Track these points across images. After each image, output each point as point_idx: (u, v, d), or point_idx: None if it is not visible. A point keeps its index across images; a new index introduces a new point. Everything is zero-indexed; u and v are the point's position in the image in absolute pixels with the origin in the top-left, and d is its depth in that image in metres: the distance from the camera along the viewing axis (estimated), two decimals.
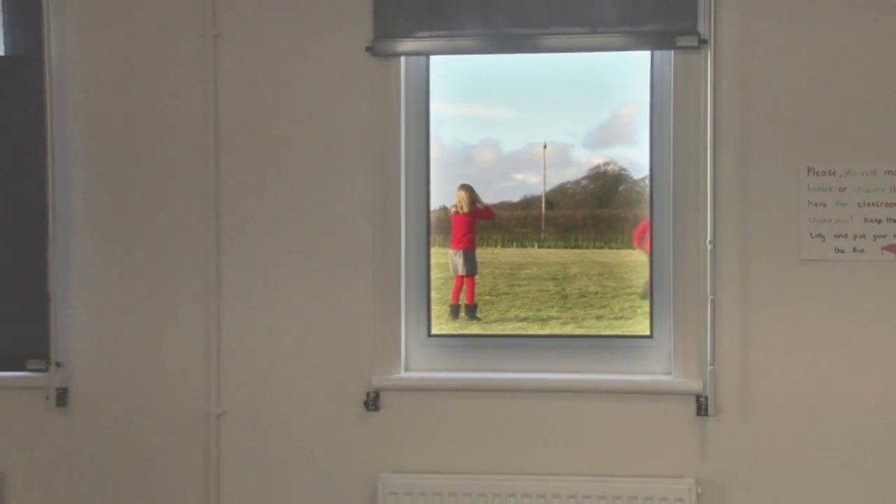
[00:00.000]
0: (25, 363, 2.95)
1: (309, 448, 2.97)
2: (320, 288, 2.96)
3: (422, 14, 2.85)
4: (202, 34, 2.90)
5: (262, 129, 2.96)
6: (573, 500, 2.70)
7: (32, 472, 3.02)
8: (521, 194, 3.03)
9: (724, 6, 2.72)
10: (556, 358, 2.90)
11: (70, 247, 2.99)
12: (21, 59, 3.01)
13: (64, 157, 2.98)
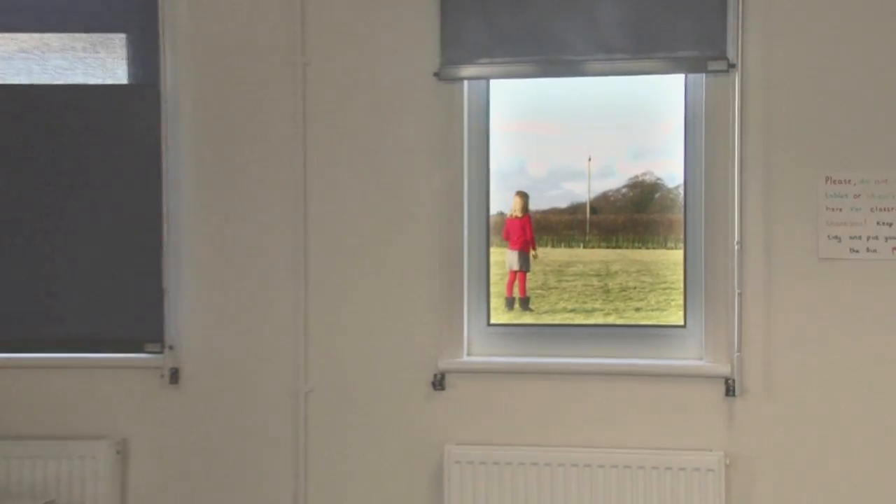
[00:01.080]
0: (144, 347, 3.10)
1: (383, 422, 3.05)
2: (394, 282, 3.03)
3: (482, 44, 2.91)
4: (293, 62, 3.00)
5: (344, 144, 3.05)
6: (615, 470, 2.78)
7: (149, 438, 3.15)
8: (568, 201, 3.08)
9: (750, 35, 2.77)
10: (599, 345, 2.99)
11: (180, 248, 3.10)
12: (142, 86, 3.12)
13: (175, 171, 3.09)
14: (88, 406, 3.16)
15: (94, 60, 3.22)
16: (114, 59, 3.22)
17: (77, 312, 3.15)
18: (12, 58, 3.24)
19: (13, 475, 3.06)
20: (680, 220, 3.00)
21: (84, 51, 3.22)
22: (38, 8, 3.19)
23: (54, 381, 3.17)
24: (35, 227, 3.18)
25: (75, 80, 3.18)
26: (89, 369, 3.16)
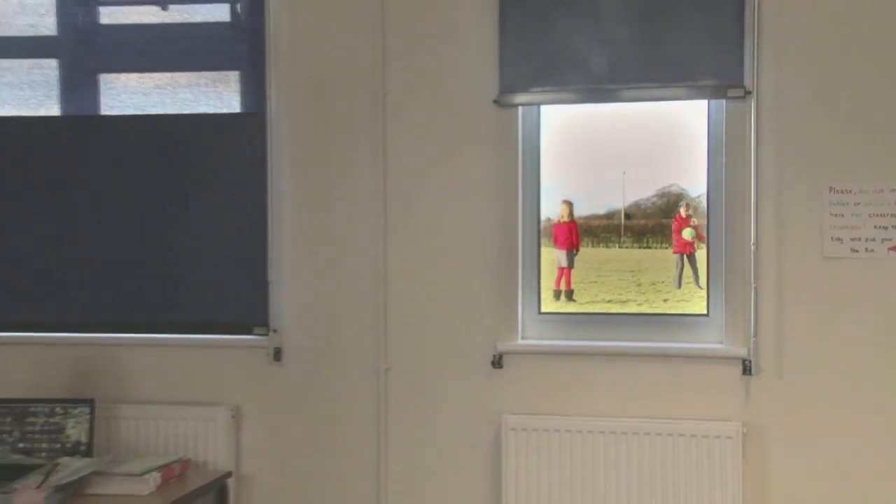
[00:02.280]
0: (253, 330, 3.25)
1: (451, 395, 3.17)
2: (459, 277, 3.14)
3: (534, 75, 3.02)
4: (375, 93, 3.12)
5: (417, 162, 3.16)
6: (647, 437, 2.88)
7: (258, 406, 3.29)
8: (606, 208, 3.19)
9: (764, 66, 2.85)
10: (633, 330, 3.11)
11: (282, 248, 3.24)
12: (251, 115, 3.29)
13: (278, 185, 3.23)
14: (209, 378, 3.32)
15: (214, 94, 3.41)
16: (229, 92, 3.41)
17: (200, 302, 3.33)
18: (150, 93, 3.42)
19: (150, 434, 3.25)
20: (701, 225, 3.04)
21: (206, 86, 3.40)
22: (171, 53, 3.38)
23: (182, 357, 3.34)
24: (166, 231, 3.35)
25: (199, 110, 3.37)
26: (210, 348, 3.33)
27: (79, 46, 3.45)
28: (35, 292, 3.43)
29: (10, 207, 3.42)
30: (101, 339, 3.37)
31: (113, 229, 3.37)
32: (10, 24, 3.44)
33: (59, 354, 3.40)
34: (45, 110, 3.44)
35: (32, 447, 3.06)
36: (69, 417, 3.06)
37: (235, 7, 3.30)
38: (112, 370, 3.39)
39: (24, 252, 3.42)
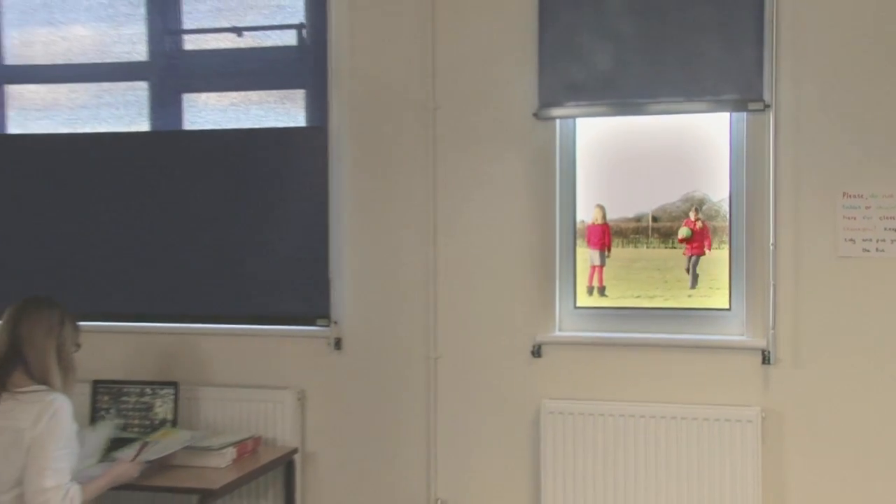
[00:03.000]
0: (316, 321, 3.36)
1: (494, 381, 3.24)
2: (502, 274, 3.21)
3: (570, 91, 3.09)
4: (426, 107, 3.23)
5: (464, 169, 3.23)
6: (674, 420, 2.96)
7: (320, 389, 3.41)
8: (634, 211, 3.29)
9: (782, 81, 2.90)
10: (661, 323, 3.19)
11: (342, 248, 3.34)
12: (315, 128, 3.40)
13: (338, 191, 3.34)
14: (278, 364, 3.44)
15: (282, 110, 3.53)
16: (296, 108, 3.53)
17: (270, 296, 3.44)
18: (226, 110, 3.57)
19: (226, 414, 3.38)
20: (722, 227, 3.20)
21: (275, 103, 3.54)
22: (245, 74, 3.52)
23: (255, 345, 3.47)
24: (241, 233, 3.47)
25: (269, 124, 3.51)
26: (279, 337, 3.44)
27: (166, 70, 3.62)
28: (131, 287, 3.58)
29: (110, 211, 3.57)
30: (185, 328, 3.53)
31: (195, 232, 3.51)
32: (108, 52, 3.60)
33: (149, 342, 3.56)
34: (137, 126, 3.62)
35: (126, 422, 3.26)
36: (157, 397, 3.27)
37: (301, 33, 3.43)
38: (194, 356, 3.53)
39: (122, 251, 3.57)
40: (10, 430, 2.42)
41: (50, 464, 2.42)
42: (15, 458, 2.41)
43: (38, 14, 3.67)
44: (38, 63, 3.74)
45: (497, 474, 3.26)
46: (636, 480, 3.01)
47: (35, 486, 2.40)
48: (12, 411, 2.45)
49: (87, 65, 3.67)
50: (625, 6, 3.03)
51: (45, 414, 2.45)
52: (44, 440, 2.42)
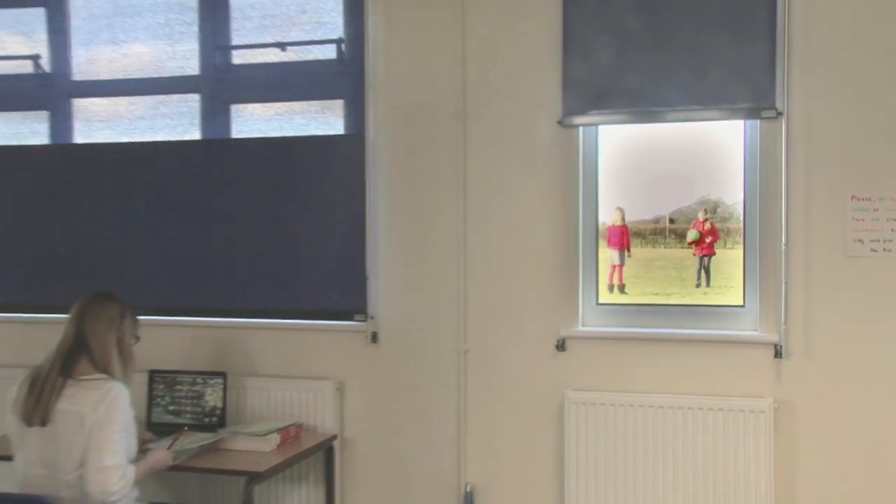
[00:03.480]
0: (353, 316, 3.43)
1: (520, 373, 3.29)
2: (528, 272, 3.26)
3: (592, 100, 3.13)
4: (457, 116, 3.29)
5: (493, 174, 3.29)
6: (690, 411, 3.00)
7: (358, 380, 3.47)
8: (653, 214, 3.36)
9: (793, 90, 2.95)
10: (678, 318, 3.20)
11: (377, 248, 3.41)
12: (353, 136, 3.46)
13: (375, 195, 3.40)
14: (318, 356, 3.51)
15: (323, 118, 3.59)
16: (335, 117, 3.58)
17: (311, 293, 3.50)
18: (271, 119, 3.64)
19: (270, 402, 3.45)
20: (736, 228, 3.21)
21: (316, 112, 3.59)
22: (288, 85, 3.57)
23: (297, 338, 3.53)
24: (284, 234, 3.52)
25: (310, 132, 3.57)
26: (319, 332, 3.51)
27: (216, 83, 3.70)
28: (185, 284, 3.67)
29: (166, 214, 3.67)
30: (232, 323, 3.61)
31: (243, 232, 3.60)
32: (164, 67, 3.71)
33: (201, 335, 3.65)
34: (190, 135, 3.71)
35: (179, 409, 3.37)
36: (207, 387, 3.35)
37: (340, 47, 3.49)
38: (241, 349, 3.61)
39: (176, 250, 3.67)
40: (74, 415, 2.53)
41: (109, 445, 2.52)
42: (78, 441, 2.52)
43: (103, 34, 3.75)
44: (101, 78, 3.84)
45: (523, 460, 3.31)
46: (654, 467, 3.05)
47: (95, 465, 2.50)
48: (76, 397, 2.55)
49: (145, 79, 3.77)
50: (643, 21, 3.08)
51: (105, 400, 2.56)
52: (103, 424, 2.53)
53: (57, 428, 2.54)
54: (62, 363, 2.62)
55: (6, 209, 3.88)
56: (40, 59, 3.87)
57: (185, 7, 3.68)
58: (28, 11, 3.84)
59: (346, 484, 3.48)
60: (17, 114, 3.97)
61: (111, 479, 2.49)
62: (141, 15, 3.73)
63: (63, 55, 3.83)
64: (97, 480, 2.50)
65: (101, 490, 2.49)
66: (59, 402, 2.57)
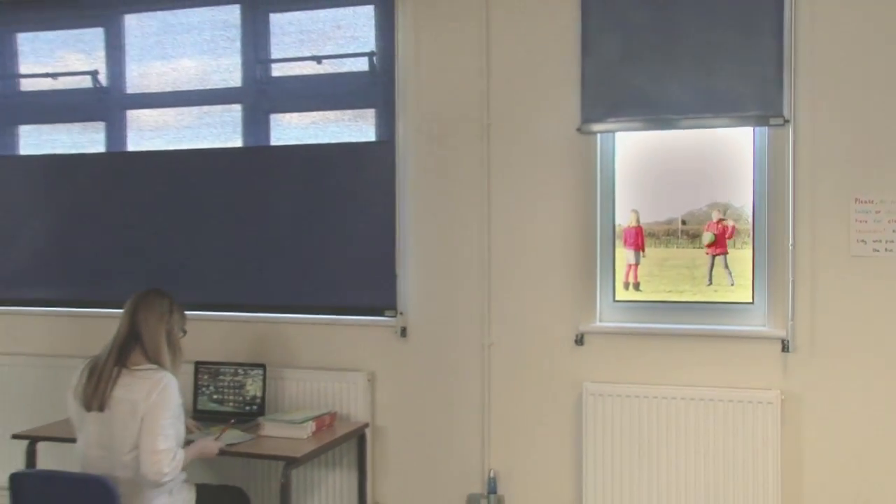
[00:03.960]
0: (384, 312, 3.51)
1: (541, 366, 3.35)
2: (549, 271, 3.31)
3: (609, 108, 3.19)
4: (481, 123, 3.37)
5: (515, 177, 3.34)
6: (702, 402, 3.05)
7: (388, 371, 3.54)
8: (666, 216, 3.41)
9: (800, 99, 3.01)
10: (690, 315, 3.24)
11: (407, 248, 3.47)
12: (384, 142, 3.53)
13: (404, 197, 3.46)
14: (351, 349, 3.59)
15: (356, 126, 3.66)
16: (367, 125, 3.66)
17: (345, 290, 3.58)
18: (307, 127, 3.72)
19: (306, 392, 3.54)
20: (745, 229, 3.24)
21: (349, 121, 3.67)
22: (323, 96, 3.63)
23: (331, 332, 3.62)
24: (319, 234, 3.60)
25: (343, 139, 3.65)
26: (352, 326, 3.60)
27: (256, 94, 3.79)
28: (227, 281, 3.77)
29: (210, 216, 3.77)
30: (272, 318, 3.72)
31: (281, 233, 3.68)
32: (208, 80, 3.83)
33: (242, 329, 3.75)
34: (232, 143, 3.83)
35: (222, 398, 3.47)
36: (248, 377, 3.44)
37: (372, 60, 3.57)
38: (280, 342, 3.70)
39: (220, 250, 3.76)
40: (128, 402, 2.65)
41: (161, 431, 2.63)
42: (132, 425, 2.63)
43: (154, 50, 3.88)
44: (152, 91, 3.96)
45: (543, 448, 3.37)
46: (667, 455, 3.12)
47: (149, 448, 2.61)
48: (130, 386, 2.67)
49: (192, 91, 3.89)
50: (657, 35, 3.16)
51: (156, 389, 2.65)
52: (155, 411, 2.64)
53: (113, 413, 2.65)
54: (118, 354, 2.73)
55: (68, 212, 3.99)
56: (98, 74, 3.97)
57: (229, 24, 3.77)
58: (88, 31, 3.95)
59: (376, 468, 3.55)
60: (77, 125, 4.07)
61: (163, 461, 2.60)
62: (188, 32, 3.82)
63: (118, 70, 3.95)
64: (151, 462, 2.60)
65: (154, 472, 2.60)
66: (115, 390, 2.67)
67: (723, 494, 3.05)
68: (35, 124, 4.14)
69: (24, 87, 4.11)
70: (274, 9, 3.70)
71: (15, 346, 4.02)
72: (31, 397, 3.84)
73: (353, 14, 3.62)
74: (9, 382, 3.93)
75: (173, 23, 3.82)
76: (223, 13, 3.76)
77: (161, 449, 2.60)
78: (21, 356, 3.96)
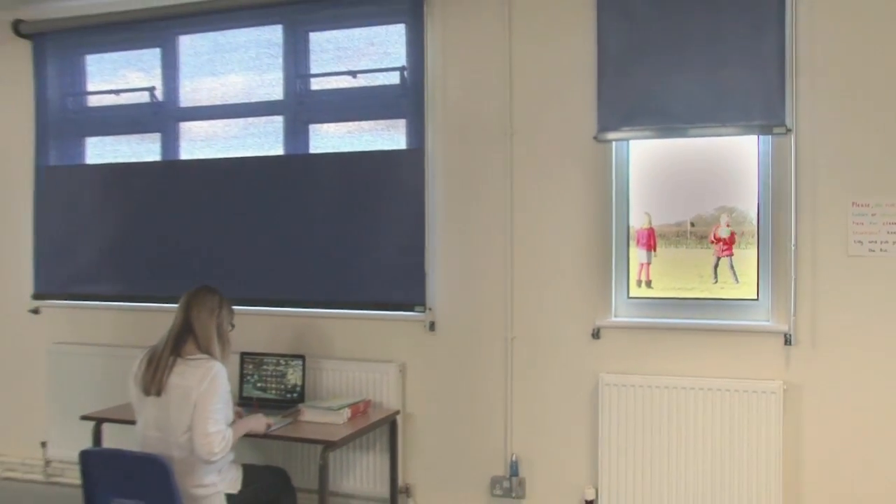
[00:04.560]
0: (414, 308, 3.58)
1: (560, 358, 3.41)
2: (567, 269, 3.37)
3: (623, 117, 3.26)
4: (505, 133, 3.43)
5: (536, 183, 3.37)
6: (710, 391, 3.12)
7: (418, 363, 3.61)
8: (675, 219, 3.44)
9: (801, 110, 3.08)
10: (699, 310, 3.30)
11: (435, 248, 3.53)
12: (414, 150, 3.58)
13: (433, 201, 3.53)
14: (384, 342, 3.67)
15: (388, 135, 3.71)
16: (399, 134, 3.70)
17: (378, 287, 3.64)
18: (343, 137, 3.79)
19: (342, 381, 3.63)
20: (749, 230, 3.27)
21: (382, 130, 3.72)
22: (358, 108, 3.69)
23: (366, 326, 3.70)
24: (354, 235, 3.65)
25: (377, 147, 3.72)
26: (385, 321, 3.67)
27: (297, 106, 3.86)
28: (270, 279, 3.84)
29: (254, 219, 3.86)
30: (311, 313, 3.80)
31: (319, 235, 3.75)
32: (254, 93, 3.94)
33: (283, 323, 3.85)
34: (274, 151, 3.91)
35: (265, 386, 3.58)
36: (289, 367, 3.54)
37: (403, 74, 3.64)
38: (318, 335, 3.80)
39: (263, 250, 3.85)
40: (182, 388, 2.80)
41: (211, 415, 2.78)
42: (186, 409, 2.79)
43: (205, 67, 4.01)
44: (202, 104, 4.08)
45: (562, 434, 3.43)
46: (677, 441, 3.19)
47: (201, 431, 2.77)
48: (184, 373, 2.82)
49: (238, 104, 4.00)
50: (668, 49, 3.21)
51: (208, 376, 2.79)
52: (207, 397, 2.79)
53: (169, 398, 2.81)
54: (173, 344, 2.87)
55: (128, 216, 4.12)
56: (155, 90, 4.11)
57: (272, 43, 3.88)
58: (147, 52, 4.12)
59: (407, 452, 3.63)
60: (136, 136, 4.21)
61: (214, 442, 2.75)
62: (236, 51, 3.94)
63: (173, 86, 4.08)
64: (203, 444, 2.75)
65: (206, 452, 2.75)
66: (171, 377, 2.82)
67: (728, 477, 3.11)
68: (100, 136, 4.27)
69: (91, 104, 4.26)
70: (313, 28, 3.80)
71: (83, 336, 4.20)
72: (98, 383, 4.03)
73: (386, 32, 3.70)
74: (78, 369, 4.12)
75: (222, 42, 3.95)
76: (267, 33, 3.86)
77: (212, 431, 2.75)
78: (88, 346, 4.15)
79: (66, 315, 4.24)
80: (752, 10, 3.13)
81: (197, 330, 2.88)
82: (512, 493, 3.44)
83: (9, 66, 4.30)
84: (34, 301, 4.28)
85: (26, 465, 4.31)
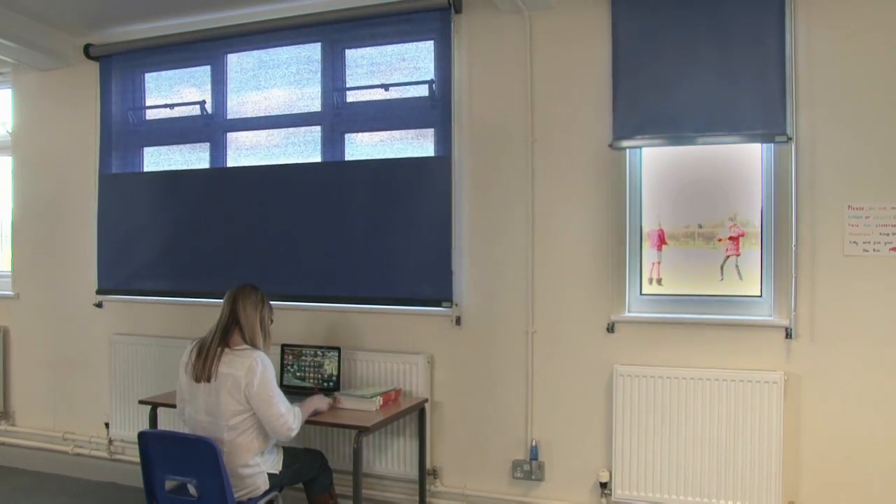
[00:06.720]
0: (441, 303, 3.67)
1: (577, 351, 3.49)
2: (584, 268, 3.45)
3: (637, 126, 3.35)
4: (526, 140, 3.54)
5: (555, 187, 3.47)
6: (716, 381, 3.20)
7: (445, 355, 3.70)
8: (685, 221, 3.49)
9: (801, 119, 3.16)
10: (706, 306, 3.38)
11: (461, 248, 3.57)
12: (442, 157, 3.67)
13: (459, 204, 3.63)
14: (414, 335, 3.78)
15: (418, 143, 3.81)
16: (428, 142, 3.79)
17: (407, 284, 3.73)
18: (376, 145, 3.90)
19: (375, 372, 3.76)
20: (753, 232, 3.36)
21: (412, 139, 3.83)
22: (390, 118, 3.79)
23: (396, 321, 3.82)
24: (385, 236, 3.73)
25: (407, 154, 3.80)
26: (414, 315, 3.79)
27: (333, 117, 3.99)
28: (306, 277, 3.96)
29: (294, 221, 3.97)
30: (346, 308, 3.93)
31: (354, 235, 3.85)
32: (294, 106, 4.08)
33: (319, 317, 4.00)
34: (313, 158, 4.04)
35: (304, 375, 3.75)
36: (325, 358, 3.71)
37: (432, 86, 3.75)
38: (353, 328, 3.92)
39: (301, 250, 3.96)
40: (231, 377, 2.96)
41: (275, 398, 2.97)
42: (235, 396, 2.94)
43: (250, 82, 4.20)
44: (247, 116, 4.23)
45: (579, 421, 3.52)
46: (686, 427, 3.28)
47: (273, 413, 2.96)
48: (231, 363, 2.98)
49: (280, 115, 4.13)
50: (678, 63, 3.32)
51: (257, 366, 2.94)
52: (264, 385, 2.96)
53: (218, 385, 2.98)
54: (221, 336, 3.05)
55: (179, 218, 4.34)
56: (205, 103, 4.32)
57: (311, 59, 4.04)
58: (198, 69, 4.36)
59: (435, 437, 3.76)
60: (188, 146, 4.40)
61: (289, 420, 2.99)
62: (279, 67, 4.11)
63: (221, 100, 4.29)
64: (281, 424, 2.98)
65: (285, 430, 3.00)
66: (220, 366, 2.98)
67: (733, 460, 3.20)
68: (156, 146, 4.44)
69: (149, 117, 4.45)
70: (349, 45, 3.93)
71: (139, 328, 4.45)
72: (153, 370, 4.24)
73: (416, 49, 3.82)
74: (134, 358, 4.35)
75: (266, 60, 4.10)
76: (307, 50, 4.01)
77: (283, 412, 2.98)
78: (143, 336, 4.38)
79: (124, 309, 4.49)
80: (755, 27, 3.22)
81: (243, 322, 3.05)
82: (532, 476, 3.55)
83: (79, 85, 4.59)
84: (98, 296, 4.52)
85: (93, 442, 4.59)
